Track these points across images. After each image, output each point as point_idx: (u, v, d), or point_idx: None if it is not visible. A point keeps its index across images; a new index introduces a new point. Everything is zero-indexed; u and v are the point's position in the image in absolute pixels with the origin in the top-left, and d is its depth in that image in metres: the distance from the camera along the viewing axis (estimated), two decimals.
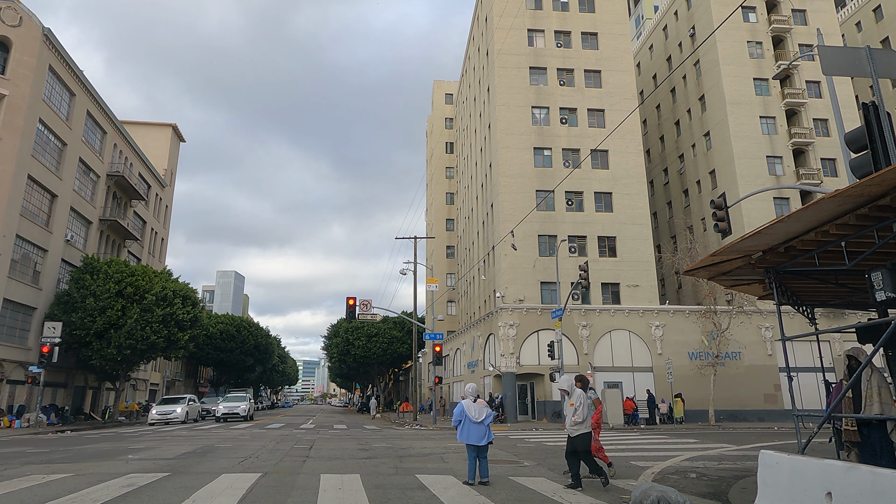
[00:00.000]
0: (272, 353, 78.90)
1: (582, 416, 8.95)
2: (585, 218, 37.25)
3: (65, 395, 37.10)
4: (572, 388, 9.21)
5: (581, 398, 9.08)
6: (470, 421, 9.03)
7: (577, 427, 8.88)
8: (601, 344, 34.54)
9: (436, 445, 16.34)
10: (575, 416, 8.93)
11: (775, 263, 8.03)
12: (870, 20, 48.77)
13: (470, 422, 9.03)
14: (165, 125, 57.23)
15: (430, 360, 45.56)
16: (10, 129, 30.74)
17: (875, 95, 8.51)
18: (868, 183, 5.52)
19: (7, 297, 30.49)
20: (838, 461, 5.95)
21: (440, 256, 62.74)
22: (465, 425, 9.04)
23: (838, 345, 34.83)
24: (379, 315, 61.15)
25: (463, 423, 9.05)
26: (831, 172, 39.88)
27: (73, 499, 7.59)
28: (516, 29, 40.65)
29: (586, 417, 8.99)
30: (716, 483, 9.42)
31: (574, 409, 8.99)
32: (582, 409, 8.99)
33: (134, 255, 48.03)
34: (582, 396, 9.12)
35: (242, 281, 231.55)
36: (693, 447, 16.36)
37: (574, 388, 9.25)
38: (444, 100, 69.44)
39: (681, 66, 45.60)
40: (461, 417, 9.11)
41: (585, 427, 8.91)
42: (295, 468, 10.84)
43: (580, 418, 8.92)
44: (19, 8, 32.62)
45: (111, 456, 13.22)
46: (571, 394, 9.16)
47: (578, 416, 8.94)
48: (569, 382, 9.29)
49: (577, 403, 9.03)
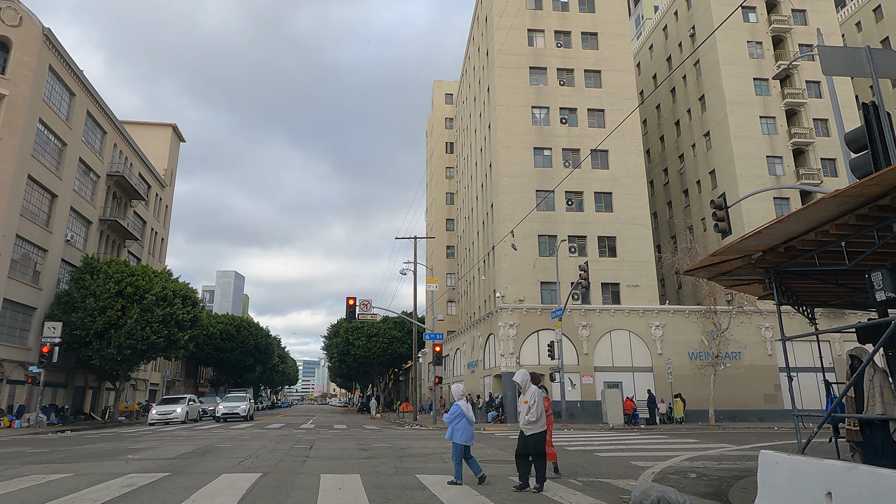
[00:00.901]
0: (272, 353, 78.90)
1: (536, 414, 8.57)
2: (585, 218, 37.25)
3: (65, 395, 37.10)
4: (526, 384, 8.83)
5: (535, 395, 8.71)
6: (467, 421, 8.94)
7: (531, 426, 8.51)
8: (601, 344, 34.54)
9: (436, 445, 16.34)
10: (528, 414, 8.56)
11: (775, 263, 8.03)
12: (870, 20, 48.77)
13: (466, 422, 8.93)
14: (165, 125, 57.23)
15: (430, 360, 45.55)
16: (10, 129, 30.74)
17: (875, 95, 8.51)
18: (868, 183, 5.52)
19: (7, 297, 30.49)
20: (838, 461, 5.95)
21: (440, 256, 62.74)
22: (462, 425, 8.90)
23: (838, 345, 34.83)
24: (379, 315, 61.16)
25: (459, 424, 8.90)
26: (831, 172, 39.88)
27: (73, 499, 7.59)
28: (516, 29, 40.65)
29: (540, 416, 8.59)
30: (716, 483, 9.41)
31: (528, 406, 8.61)
32: (536, 406, 8.60)
33: (134, 255, 48.03)
34: (536, 393, 8.73)
35: (242, 281, 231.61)
36: (693, 447, 16.36)
37: (528, 384, 8.87)
38: (444, 100, 69.44)
39: (681, 66, 45.60)
40: (459, 417, 8.97)
41: (540, 426, 8.54)
42: (295, 468, 10.84)
43: (534, 417, 8.54)
44: (19, 8, 32.62)
45: (111, 456, 13.22)
46: (525, 390, 8.77)
47: (532, 414, 8.55)
48: (523, 377, 8.91)
49: (531, 401, 8.65)
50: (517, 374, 8.98)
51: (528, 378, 8.91)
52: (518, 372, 9.04)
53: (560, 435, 21.47)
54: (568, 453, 14.11)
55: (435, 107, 70.15)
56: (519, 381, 8.87)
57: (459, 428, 8.90)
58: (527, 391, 8.75)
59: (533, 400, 8.64)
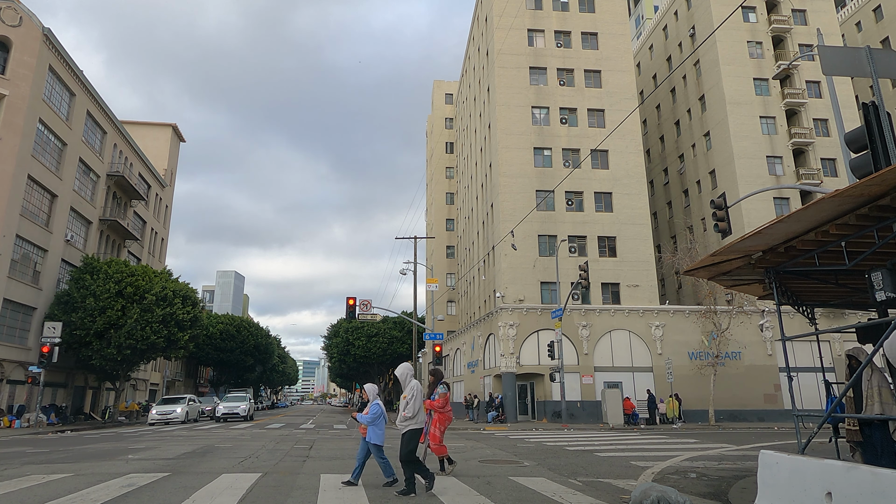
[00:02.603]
0: (272, 353, 78.90)
1: (413, 410, 8.08)
2: (585, 218, 37.25)
3: (65, 395, 37.09)
4: (406, 379, 8.29)
5: (415, 390, 8.22)
6: (384, 420, 8.54)
7: (408, 422, 8.08)
8: (601, 344, 34.53)
9: None
10: (405, 410, 8.11)
11: (775, 263, 8.02)
12: (870, 20, 48.77)
13: (384, 421, 8.54)
14: (165, 125, 57.23)
15: (430, 360, 45.53)
16: (10, 129, 30.74)
17: (875, 95, 8.51)
18: (868, 183, 5.52)
19: (7, 297, 30.49)
20: (838, 461, 5.95)
21: (440, 256, 62.73)
22: (382, 425, 8.45)
23: (838, 345, 34.83)
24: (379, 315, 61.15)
25: (380, 423, 8.42)
26: (831, 172, 39.88)
27: (73, 499, 7.59)
28: (516, 29, 40.65)
29: (417, 412, 8.13)
30: (716, 483, 9.41)
31: (406, 402, 8.16)
32: (414, 402, 8.12)
33: (134, 255, 48.02)
34: (416, 388, 8.25)
35: (242, 281, 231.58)
36: (693, 447, 16.35)
37: (409, 379, 8.30)
38: (444, 100, 69.44)
39: (681, 66, 45.60)
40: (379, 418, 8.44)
41: (416, 423, 8.11)
42: (295, 468, 10.84)
43: (410, 413, 8.08)
44: (19, 8, 32.62)
45: (111, 456, 13.22)
46: (405, 385, 8.28)
47: (409, 410, 8.09)
48: (403, 371, 8.36)
49: (409, 396, 8.17)
50: (398, 368, 8.42)
51: (408, 372, 8.37)
52: (400, 365, 8.49)
53: (560, 435, 21.48)
54: (568, 453, 14.11)
55: (435, 107, 70.15)
56: (398, 374, 8.34)
57: (382, 428, 8.45)
58: (406, 386, 8.25)
59: (411, 394, 8.18)
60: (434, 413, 10.18)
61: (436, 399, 10.26)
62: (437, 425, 10.13)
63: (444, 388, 10.27)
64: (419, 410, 8.17)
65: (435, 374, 10.10)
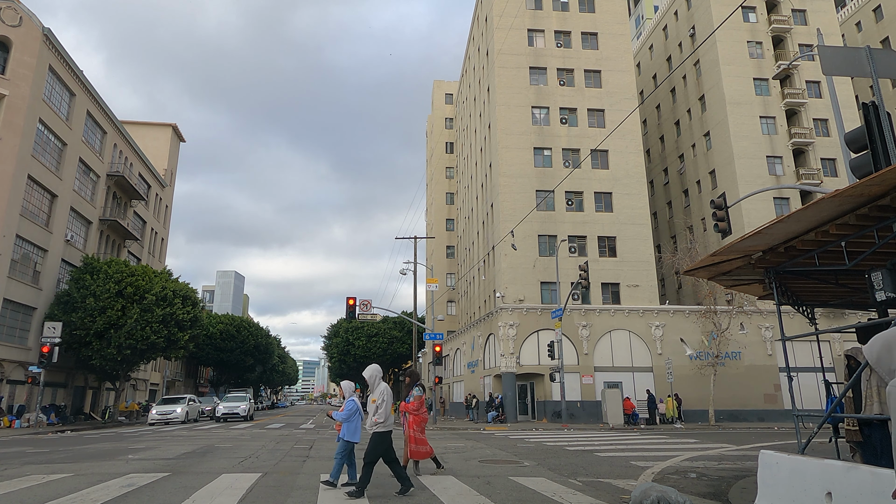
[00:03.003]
0: (272, 353, 78.92)
1: (384, 415, 7.89)
2: (585, 218, 37.25)
3: (65, 395, 37.09)
4: (375, 382, 8.09)
5: (384, 394, 7.96)
6: (360, 417, 8.45)
7: (378, 426, 7.92)
8: (601, 344, 34.53)
9: (436, 445, 16.32)
10: (376, 415, 7.90)
11: (775, 263, 8.02)
12: (870, 20, 48.76)
13: (359, 418, 8.45)
14: (165, 125, 57.24)
15: (430, 360, 45.55)
16: (10, 129, 30.74)
17: (875, 95, 8.51)
18: (868, 183, 5.52)
19: (7, 297, 30.49)
20: (838, 461, 5.95)
21: (440, 256, 62.74)
22: (357, 423, 8.37)
23: (838, 345, 34.82)
24: (379, 315, 61.20)
25: (354, 422, 8.35)
26: (831, 172, 39.88)
27: (73, 499, 7.59)
28: (516, 29, 40.65)
29: (388, 417, 7.97)
30: (716, 483, 9.41)
31: (376, 406, 7.92)
32: (384, 406, 7.91)
33: (134, 255, 48.02)
34: (385, 392, 7.99)
35: (242, 281, 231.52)
36: (693, 447, 16.36)
37: (377, 382, 8.09)
38: (444, 100, 69.44)
39: (681, 66, 45.60)
40: (354, 415, 8.30)
41: (385, 427, 7.91)
42: (295, 468, 10.84)
43: (381, 418, 7.87)
44: (19, 8, 32.61)
45: (111, 456, 13.22)
46: (374, 388, 8.06)
47: (380, 415, 7.88)
48: (371, 374, 8.16)
49: (378, 400, 7.93)
50: (366, 370, 8.24)
51: (376, 375, 8.19)
52: (368, 367, 8.30)
53: (560, 435, 21.48)
54: (568, 453, 14.11)
55: (435, 107, 70.15)
56: (366, 376, 8.14)
57: (357, 426, 8.37)
58: (375, 389, 8.05)
59: (381, 398, 7.94)
60: (409, 415, 9.94)
61: (411, 401, 10.05)
62: (414, 427, 9.88)
63: (419, 390, 10.09)
64: (389, 416, 8.04)
65: (412, 375, 9.91)
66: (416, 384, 10.01)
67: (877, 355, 3.54)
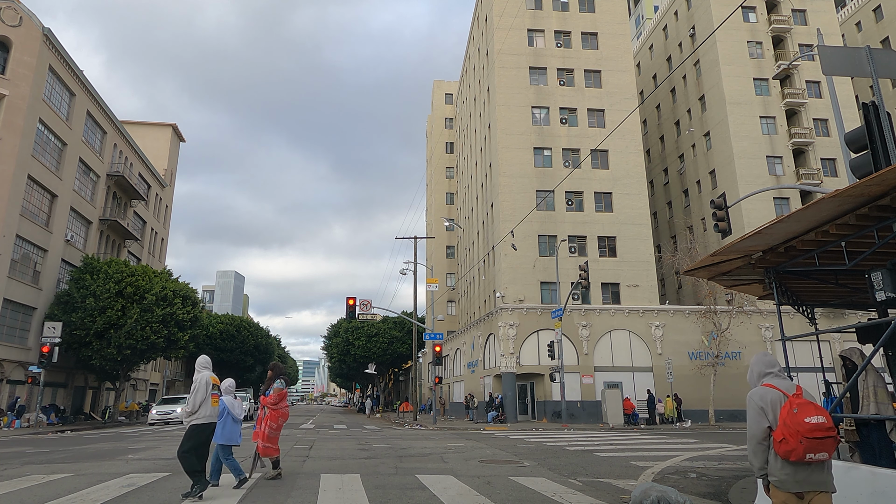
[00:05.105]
0: (272, 353, 78.85)
1: (192, 404, 7.56)
2: (585, 218, 37.24)
3: (65, 395, 37.09)
4: (196, 371, 7.86)
5: (198, 383, 7.65)
6: (232, 419, 8.31)
7: (190, 418, 7.59)
8: (601, 344, 34.53)
9: (436, 445, 16.33)
10: (186, 405, 7.62)
11: (775, 263, 8.02)
12: (870, 20, 48.76)
13: (232, 420, 8.31)
14: (165, 125, 57.23)
15: (430, 360, 45.56)
16: (10, 129, 30.73)
17: (875, 95, 8.51)
18: (868, 183, 5.52)
19: (7, 297, 30.48)
20: (838, 461, 5.95)
21: (440, 256, 62.73)
22: (228, 424, 8.18)
23: (838, 345, 34.82)
24: (379, 315, 61.15)
25: (224, 423, 8.13)
26: (831, 172, 39.88)
27: (73, 499, 7.59)
28: (516, 29, 40.64)
29: (198, 406, 7.59)
30: (716, 483, 9.41)
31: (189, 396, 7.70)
32: (194, 395, 7.59)
33: (134, 255, 48.02)
34: (198, 381, 7.67)
35: (242, 281, 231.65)
36: (693, 447, 16.36)
37: (200, 370, 7.83)
38: (444, 100, 69.43)
39: (681, 66, 45.60)
40: (223, 415, 8.11)
41: (201, 418, 7.56)
42: (295, 468, 10.84)
43: (190, 407, 7.56)
44: (19, 8, 32.61)
45: (111, 456, 13.22)
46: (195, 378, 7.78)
47: (189, 404, 7.57)
48: (197, 362, 7.95)
49: (192, 388, 7.66)
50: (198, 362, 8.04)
51: (201, 364, 7.94)
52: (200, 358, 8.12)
53: (560, 435, 21.48)
54: (568, 453, 14.11)
55: (435, 107, 70.14)
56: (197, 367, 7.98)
57: (227, 427, 8.20)
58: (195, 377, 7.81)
59: (194, 387, 7.67)
60: (268, 410, 9.36)
61: (269, 395, 9.48)
62: (268, 422, 9.26)
63: (280, 383, 9.55)
64: (202, 405, 7.61)
65: (273, 368, 9.46)
66: (278, 377, 9.48)
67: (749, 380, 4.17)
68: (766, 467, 3.91)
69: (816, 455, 3.66)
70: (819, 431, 3.63)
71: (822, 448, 3.65)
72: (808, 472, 3.75)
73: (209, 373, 7.88)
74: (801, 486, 3.75)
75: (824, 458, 3.69)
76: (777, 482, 3.81)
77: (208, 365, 8.02)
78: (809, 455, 3.65)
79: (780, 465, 3.80)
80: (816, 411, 3.70)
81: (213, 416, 7.74)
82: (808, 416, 3.68)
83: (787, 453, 3.70)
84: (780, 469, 3.79)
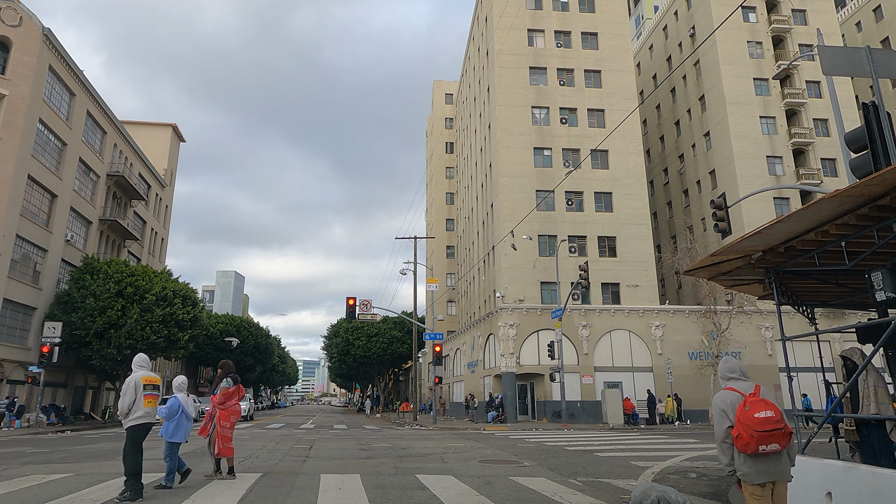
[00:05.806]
0: (272, 353, 78.87)
1: (122, 406, 7.50)
2: (585, 218, 37.24)
3: (65, 395, 37.08)
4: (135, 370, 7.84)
5: (127, 385, 7.57)
6: (185, 417, 8.35)
7: (126, 420, 7.53)
8: (601, 344, 34.53)
9: (436, 445, 16.33)
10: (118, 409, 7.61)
11: (775, 263, 8.02)
12: (870, 20, 48.76)
13: (185, 418, 8.35)
14: (165, 125, 57.21)
15: (430, 360, 45.54)
16: (10, 129, 30.73)
17: (875, 95, 8.51)
18: (868, 183, 5.52)
19: (7, 297, 30.48)
20: (838, 461, 5.95)
21: (440, 256, 62.73)
22: (181, 422, 8.23)
23: (838, 345, 34.82)
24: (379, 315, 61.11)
25: (178, 421, 8.21)
26: (831, 172, 39.88)
27: (73, 499, 7.59)
28: (516, 29, 40.64)
29: (127, 409, 7.52)
30: (716, 483, 9.41)
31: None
32: (124, 397, 7.48)
33: (134, 255, 48.01)
34: (128, 383, 7.59)
35: (242, 281, 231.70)
36: (693, 447, 16.36)
37: (135, 370, 7.79)
38: (444, 100, 69.43)
39: (681, 66, 45.59)
40: (177, 413, 8.19)
41: (135, 419, 7.52)
42: (295, 468, 10.84)
43: (119, 410, 7.51)
44: (19, 8, 32.61)
45: (111, 456, 13.22)
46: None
47: (119, 407, 7.54)
48: (134, 360, 7.93)
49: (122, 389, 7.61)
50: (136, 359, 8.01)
51: (137, 364, 7.92)
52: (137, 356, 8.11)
53: (560, 435, 21.48)
54: (568, 453, 14.11)
55: (435, 107, 70.14)
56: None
57: (180, 424, 8.25)
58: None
59: (123, 391, 7.54)
60: (217, 410, 9.28)
61: (216, 394, 9.38)
62: (221, 422, 9.16)
63: (228, 382, 9.41)
64: (133, 406, 7.56)
65: (223, 366, 9.35)
66: (227, 375, 9.37)
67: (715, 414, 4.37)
68: (733, 464, 4.23)
69: (769, 447, 3.98)
70: (768, 424, 3.97)
71: (771, 440, 3.98)
72: (766, 464, 4.10)
73: (143, 373, 7.82)
74: (762, 478, 4.10)
75: (776, 449, 4.02)
76: (743, 476, 4.17)
77: (145, 364, 7.99)
78: (762, 447, 3.98)
79: (742, 460, 4.15)
80: (766, 407, 4.04)
81: (149, 415, 7.64)
82: (758, 411, 4.01)
83: (744, 447, 4.04)
84: (743, 463, 4.14)
